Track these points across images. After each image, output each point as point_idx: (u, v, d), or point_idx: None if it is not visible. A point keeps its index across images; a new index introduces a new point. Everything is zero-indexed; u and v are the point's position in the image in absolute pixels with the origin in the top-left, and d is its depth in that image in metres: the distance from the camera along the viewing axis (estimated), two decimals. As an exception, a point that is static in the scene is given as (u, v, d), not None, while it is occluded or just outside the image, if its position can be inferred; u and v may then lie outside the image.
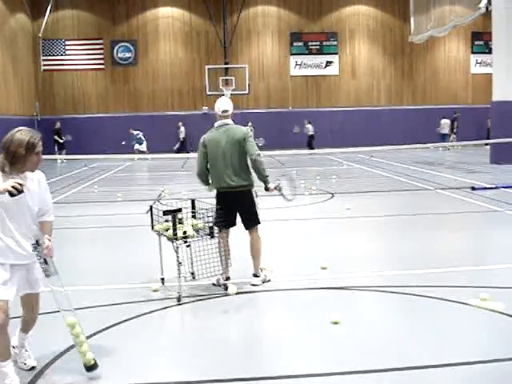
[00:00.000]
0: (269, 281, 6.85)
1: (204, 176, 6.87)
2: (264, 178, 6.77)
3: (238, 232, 6.95)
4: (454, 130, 32.43)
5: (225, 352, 4.91)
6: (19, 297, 4.56)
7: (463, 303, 5.88)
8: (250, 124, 30.36)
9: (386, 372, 4.41)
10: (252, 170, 6.80)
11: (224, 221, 6.59)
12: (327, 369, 4.51)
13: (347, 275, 7.08)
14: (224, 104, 6.85)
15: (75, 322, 4.50)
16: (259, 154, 6.70)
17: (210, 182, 6.88)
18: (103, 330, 5.40)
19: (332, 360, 4.67)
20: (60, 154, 28.48)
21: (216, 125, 6.84)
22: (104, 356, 4.87)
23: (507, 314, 5.48)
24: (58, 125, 29.77)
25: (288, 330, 5.41)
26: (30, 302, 4.63)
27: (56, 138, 29.20)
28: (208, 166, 6.83)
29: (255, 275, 6.83)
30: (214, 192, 6.90)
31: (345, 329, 5.36)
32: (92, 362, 4.49)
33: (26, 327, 4.73)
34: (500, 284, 6.55)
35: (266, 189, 6.86)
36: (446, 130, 32.14)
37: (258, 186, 6.94)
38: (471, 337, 5.08)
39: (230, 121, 6.85)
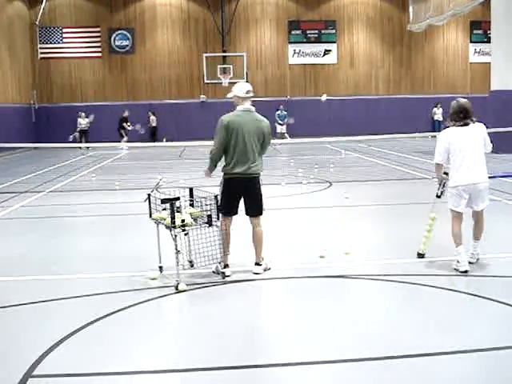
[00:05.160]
0: (269, 269, 6.85)
1: (219, 159, 6.78)
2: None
3: (236, 220, 6.94)
4: None
5: (223, 340, 4.92)
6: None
7: (462, 292, 5.90)
8: (281, 107, 30.15)
9: (384, 360, 4.42)
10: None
11: (231, 208, 6.63)
12: (326, 357, 4.52)
13: (345, 264, 7.09)
14: (246, 85, 6.89)
15: (435, 217, 7.10)
16: None
17: (224, 165, 6.76)
18: (101, 318, 5.40)
19: (331, 348, 4.68)
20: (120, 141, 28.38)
21: (241, 109, 6.73)
22: (102, 344, 4.88)
23: (506, 303, 5.49)
24: (127, 113, 29.68)
25: (286, 318, 5.42)
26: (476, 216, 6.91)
27: (124, 125, 29.22)
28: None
29: (257, 264, 6.82)
30: (215, 180, 6.85)
31: (343, 317, 5.38)
32: (422, 252, 6.93)
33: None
34: (498, 272, 6.57)
35: None
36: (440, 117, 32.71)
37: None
38: (469, 325, 5.10)
39: (253, 107, 6.82)
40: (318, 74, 34.03)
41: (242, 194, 6.73)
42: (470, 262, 6.72)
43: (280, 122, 29.94)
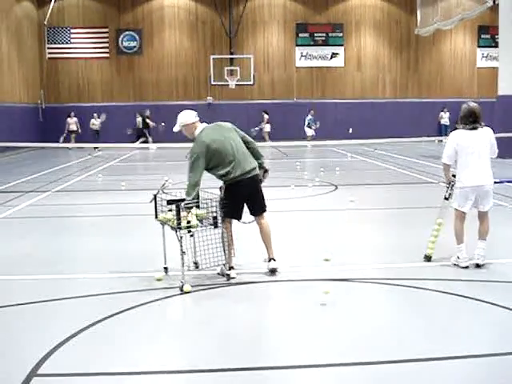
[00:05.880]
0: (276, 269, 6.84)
1: (199, 184, 6.53)
2: (263, 161, 6.90)
3: (237, 223, 6.93)
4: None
5: (227, 341, 4.93)
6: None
7: (466, 296, 5.88)
8: (312, 112, 30.05)
9: (387, 364, 4.42)
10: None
11: (238, 212, 6.64)
12: (329, 360, 4.52)
13: (350, 267, 7.09)
14: (189, 111, 6.81)
15: (441, 223, 7.14)
16: None
17: (223, 175, 6.65)
18: (106, 318, 5.42)
19: (334, 351, 4.68)
20: (144, 142, 28.73)
21: (201, 129, 6.69)
22: (107, 344, 4.89)
23: (509, 308, 5.48)
24: (148, 112, 29.89)
25: (290, 320, 5.42)
26: (481, 217, 7.07)
27: (147, 123, 29.54)
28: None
29: (273, 259, 6.78)
30: (218, 184, 6.83)
31: (347, 320, 5.38)
32: (429, 255, 7.01)
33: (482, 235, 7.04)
34: (503, 278, 6.55)
35: (266, 171, 6.98)
36: (447, 122, 32.89)
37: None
38: (473, 330, 5.09)
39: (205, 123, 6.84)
40: (325, 77, 34.03)
41: (247, 195, 6.72)
42: (477, 265, 6.87)
43: (312, 126, 29.84)
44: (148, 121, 29.52)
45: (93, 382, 4.25)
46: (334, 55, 33.94)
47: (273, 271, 6.73)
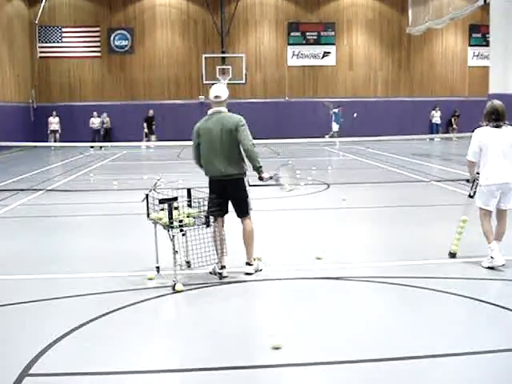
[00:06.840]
0: (260, 270, 6.84)
1: (199, 163, 6.87)
2: (257, 168, 6.66)
3: (232, 221, 6.95)
4: (454, 126, 33.27)
5: (219, 340, 4.93)
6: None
7: (459, 295, 5.90)
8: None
9: (379, 362, 4.43)
10: (246, 159, 6.74)
11: (218, 210, 6.60)
12: (322, 358, 4.54)
13: (342, 265, 7.11)
14: (217, 90, 6.74)
15: (466, 220, 7.26)
16: (253, 144, 6.63)
17: (203, 167, 6.81)
18: (98, 317, 5.41)
19: (327, 349, 4.69)
20: (148, 140, 29.38)
21: (209, 112, 6.74)
22: (99, 343, 4.89)
23: (504, 307, 5.51)
24: (151, 112, 30.20)
25: (283, 319, 5.43)
26: (500, 216, 7.04)
27: (145, 125, 30.17)
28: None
29: (248, 264, 6.81)
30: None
31: (340, 318, 5.39)
32: (454, 251, 6.99)
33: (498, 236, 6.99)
34: (496, 276, 6.58)
35: (260, 178, 6.80)
36: (438, 120, 33.12)
37: (251, 176, 6.91)
38: (467, 328, 5.10)
39: (224, 108, 6.72)
40: (317, 76, 34.06)
41: (225, 194, 6.71)
42: (488, 267, 6.81)
43: (338, 122, 29.85)
44: (147, 124, 29.86)
45: (84, 382, 4.25)
46: (325, 54, 33.98)
47: (247, 275, 6.74)
